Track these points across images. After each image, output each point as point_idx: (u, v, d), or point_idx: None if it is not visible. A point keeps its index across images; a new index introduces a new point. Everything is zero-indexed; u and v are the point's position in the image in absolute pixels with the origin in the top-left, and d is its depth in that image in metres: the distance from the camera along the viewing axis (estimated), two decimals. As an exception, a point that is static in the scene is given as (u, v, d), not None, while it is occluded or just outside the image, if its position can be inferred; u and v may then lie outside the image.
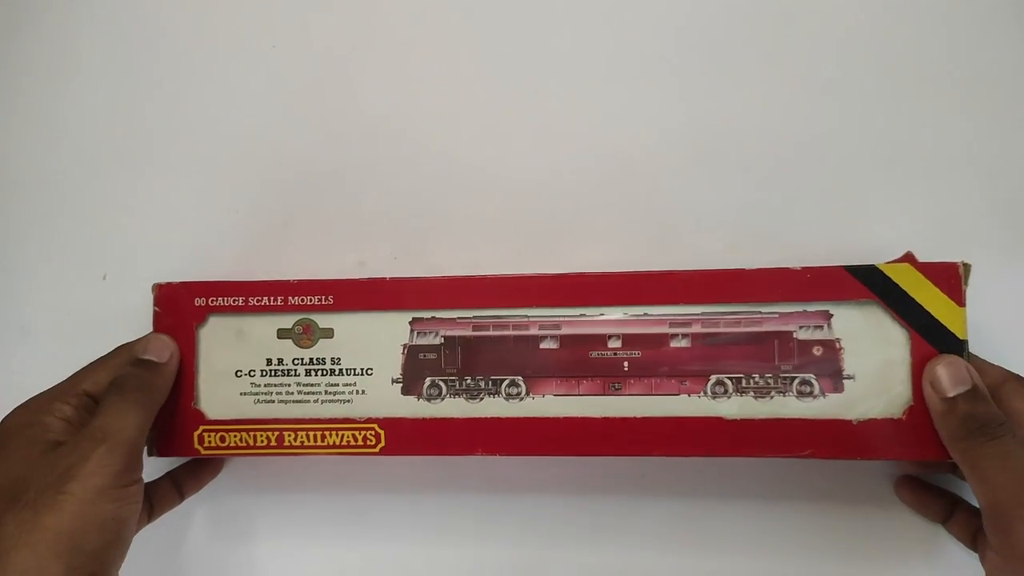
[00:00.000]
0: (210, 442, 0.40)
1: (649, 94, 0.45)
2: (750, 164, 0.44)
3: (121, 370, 0.38)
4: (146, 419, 0.37)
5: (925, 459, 0.37)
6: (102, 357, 0.40)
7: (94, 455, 0.34)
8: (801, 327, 0.38)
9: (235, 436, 0.40)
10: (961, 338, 0.37)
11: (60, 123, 0.49)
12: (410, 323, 0.40)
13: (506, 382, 0.40)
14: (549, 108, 0.46)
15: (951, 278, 0.37)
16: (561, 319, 0.40)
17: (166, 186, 0.48)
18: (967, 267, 0.37)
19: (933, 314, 0.37)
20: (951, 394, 0.35)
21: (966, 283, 0.37)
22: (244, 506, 0.46)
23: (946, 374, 0.35)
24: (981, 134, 0.43)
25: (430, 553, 0.45)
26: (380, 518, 0.46)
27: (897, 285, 0.37)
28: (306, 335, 0.41)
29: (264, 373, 0.41)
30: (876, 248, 0.41)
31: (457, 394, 0.40)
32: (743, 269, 0.38)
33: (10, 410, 0.37)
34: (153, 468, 0.45)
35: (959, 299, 0.37)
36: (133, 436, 0.35)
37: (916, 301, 0.37)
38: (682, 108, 0.45)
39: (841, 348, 0.38)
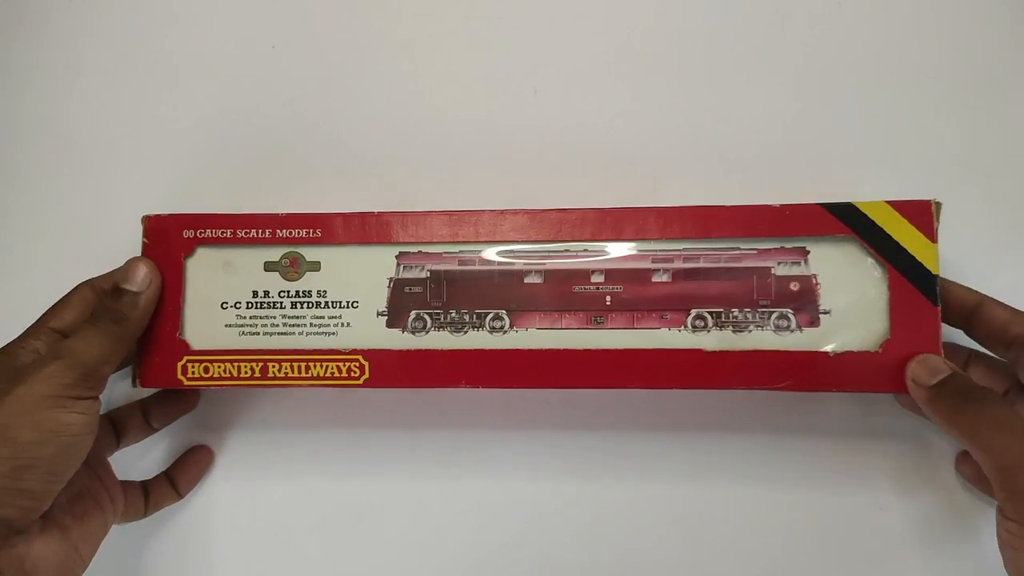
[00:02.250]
0: (194, 373, 0.41)
1: (642, 86, 0.47)
2: (747, 163, 0.45)
3: (86, 302, 0.40)
4: (114, 348, 0.38)
5: (901, 392, 0.38)
6: (64, 296, 0.40)
7: (49, 367, 0.36)
8: (779, 263, 0.39)
9: (219, 367, 0.41)
10: (934, 273, 0.38)
11: (58, 121, 0.49)
12: (396, 257, 0.41)
13: (490, 315, 0.40)
14: (547, 102, 0.47)
15: (924, 215, 0.38)
16: (545, 253, 0.40)
17: (167, 181, 0.48)
18: (938, 205, 0.38)
19: (908, 250, 0.38)
20: (932, 383, 0.36)
21: (938, 220, 0.38)
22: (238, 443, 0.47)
23: (922, 369, 0.36)
24: (978, 130, 0.45)
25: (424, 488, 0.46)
26: (366, 454, 0.46)
27: (873, 222, 0.38)
28: (293, 268, 0.41)
29: (250, 305, 0.41)
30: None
31: (442, 327, 0.40)
32: (723, 206, 0.39)
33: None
34: (150, 464, 0.46)
35: (932, 236, 0.38)
36: (94, 360, 0.37)
37: (891, 237, 0.38)
38: (677, 103, 0.46)
39: (818, 284, 0.39)
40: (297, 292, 0.41)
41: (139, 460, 0.46)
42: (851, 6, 0.46)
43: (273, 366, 0.40)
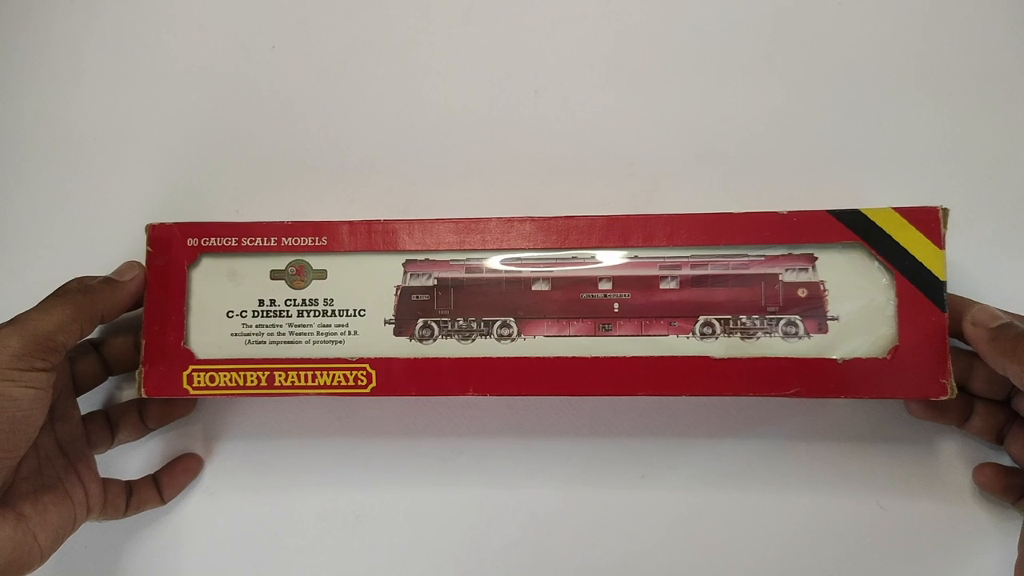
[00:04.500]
0: (199, 382, 0.40)
1: (645, 87, 0.47)
2: (751, 166, 0.45)
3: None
4: (72, 318, 0.37)
5: (909, 398, 0.38)
6: None
7: None
8: (787, 269, 0.39)
9: (225, 376, 0.40)
10: (941, 279, 0.38)
11: (57, 124, 0.49)
12: (403, 265, 0.41)
13: (498, 323, 0.40)
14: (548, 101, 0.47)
15: (931, 221, 0.38)
16: (553, 260, 0.40)
17: (167, 182, 0.48)
18: (946, 211, 0.38)
19: (915, 256, 0.38)
20: (994, 325, 0.36)
21: (945, 226, 0.38)
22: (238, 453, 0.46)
23: (983, 314, 0.37)
24: (984, 134, 0.45)
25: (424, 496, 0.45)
26: (364, 460, 0.46)
27: (880, 228, 0.38)
28: (299, 276, 0.41)
29: (256, 314, 0.41)
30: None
31: (449, 335, 0.40)
32: (731, 213, 0.39)
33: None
34: (133, 469, 0.46)
35: (939, 242, 0.38)
36: (46, 328, 0.36)
37: (899, 243, 0.38)
38: (679, 106, 0.46)
39: (826, 290, 0.39)
40: (303, 300, 0.41)
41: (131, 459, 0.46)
42: (854, 9, 0.46)
43: (280, 375, 0.40)
